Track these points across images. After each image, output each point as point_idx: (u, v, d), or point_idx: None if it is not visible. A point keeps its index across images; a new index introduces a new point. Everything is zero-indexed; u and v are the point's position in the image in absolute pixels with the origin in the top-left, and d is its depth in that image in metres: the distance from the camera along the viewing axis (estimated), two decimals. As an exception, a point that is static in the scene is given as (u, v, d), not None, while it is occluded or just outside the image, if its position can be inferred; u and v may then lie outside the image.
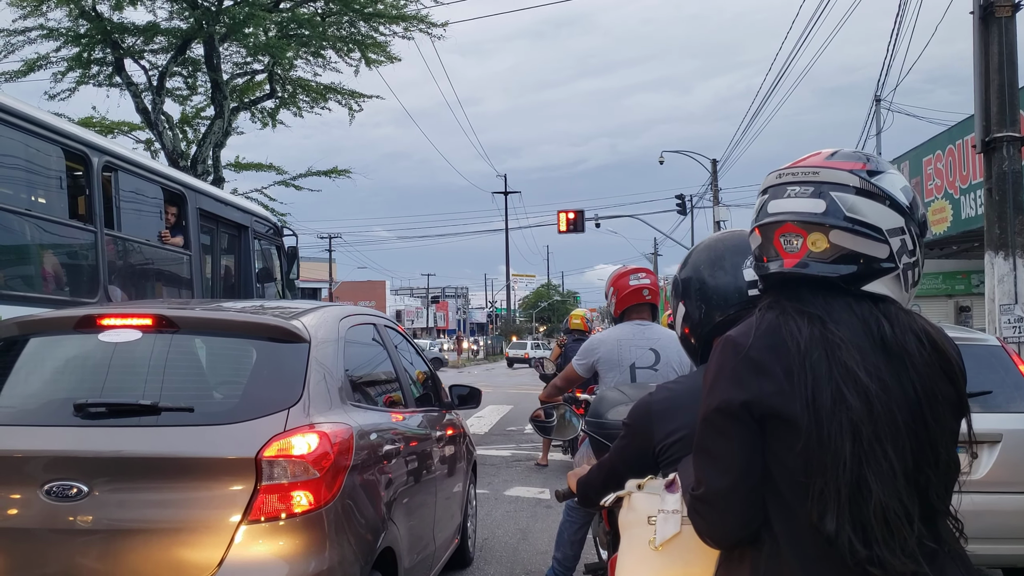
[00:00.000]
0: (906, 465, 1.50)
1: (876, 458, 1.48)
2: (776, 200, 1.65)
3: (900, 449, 1.50)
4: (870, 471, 1.48)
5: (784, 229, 1.63)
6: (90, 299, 6.08)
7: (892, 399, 1.51)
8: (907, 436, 1.51)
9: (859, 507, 1.48)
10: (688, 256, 2.41)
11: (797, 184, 1.64)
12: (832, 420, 1.49)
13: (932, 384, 1.55)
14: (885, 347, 1.55)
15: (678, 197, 37.52)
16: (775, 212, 1.64)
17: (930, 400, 1.54)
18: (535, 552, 6.51)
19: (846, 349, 1.52)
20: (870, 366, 1.52)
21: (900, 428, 1.50)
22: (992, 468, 4.74)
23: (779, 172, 1.68)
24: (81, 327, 3.54)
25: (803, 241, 1.61)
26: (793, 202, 1.63)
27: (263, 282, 10.15)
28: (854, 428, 1.48)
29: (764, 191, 1.70)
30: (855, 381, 1.50)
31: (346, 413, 3.48)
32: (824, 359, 1.52)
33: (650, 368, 4.52)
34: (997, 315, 8.30)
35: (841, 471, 1.47)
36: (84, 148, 6.24)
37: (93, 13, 16.37)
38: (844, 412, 1.48)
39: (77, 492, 2.99)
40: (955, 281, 17.95)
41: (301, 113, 20.73)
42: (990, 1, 8.20)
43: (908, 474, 1.50)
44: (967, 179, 11.74)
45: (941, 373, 1.57)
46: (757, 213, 1.69)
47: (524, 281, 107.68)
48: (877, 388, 1.50)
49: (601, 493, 2.29)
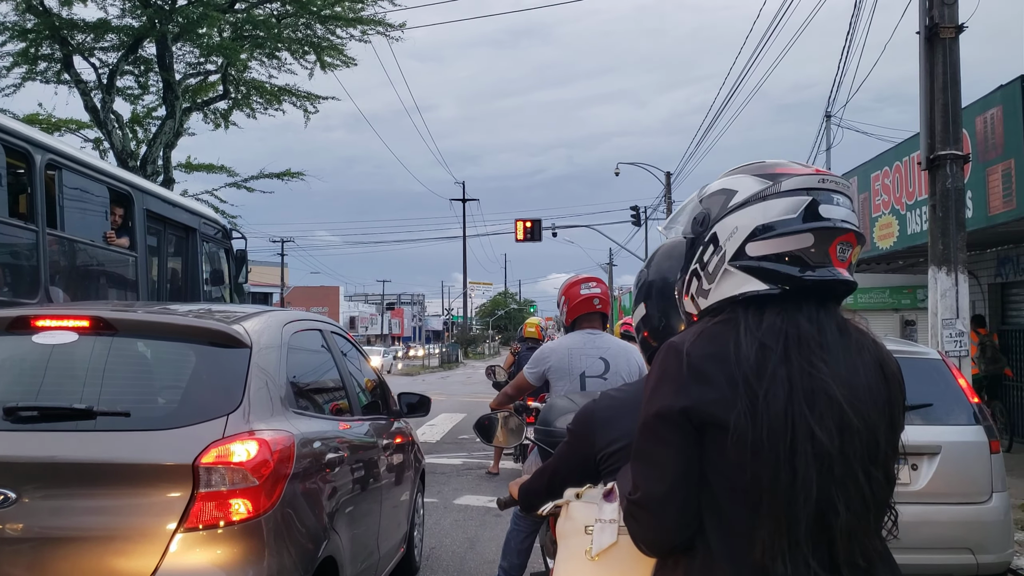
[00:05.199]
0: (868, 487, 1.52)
1: (846, 483, 1.49)
2: (829, 206, 1.59)
3: (867, 471, 1.51)
4: (839, 496, 1.48)
5: (846, 237, 1.59)
6: (30, 300, 5.91)
7: (864, 418, 1.52)
8: (868, 456, 1.52)
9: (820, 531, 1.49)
10: (652, 257, 2.39)
11: (839, 193, 1.61)
12: (797, 448, 1.48)
13: (886, 400, 1.58)
14: (862, 364, 1.57)
15: (633, 209, 37.89)
16: (835, 218, 1.58)
17: (884, 417, 1.57)
18: (482, 561, 6.48)
19: (824, 370, 1.52)
20: (845, 385, 1.53)
21: (869, 447, 1.52)
22: (931, 479, 4.83)
23: (820, 177, 1.62)
24: (15, 328, 3.44)
25: (851, 252, 1.61)
26: (845, 211, 1.60)
27: (211, 285, 9.99)
28: (822, 456, 1.48)
29: (796, 190, 1.60)
30: (832, 407, 1.50)
31: (288, 420, 3.42)
32: (787, 382, 1.51)
33: (599, 377, 4.53)
34: (939, 329, 8.47)
35: (803, 501, 1.47)
36: (26, 145, 6.08)
37: (41, 8, 16.00)
38: (809, 443, 1.48)
39: (4, 499, 2.90)
40: (901, 295, 18.31)
41: (255, 115, 20.51)
42: (935, 23, 8.40)
43: (867, 497, 1.52)
44: (913, 195, 11.99)
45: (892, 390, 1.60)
46: (804, 213, 1.58)
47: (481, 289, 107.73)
48: (851, 409, 1.51)
49: (543, 499, 2.27)
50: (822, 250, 1.57)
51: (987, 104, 9.98)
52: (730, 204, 1.65)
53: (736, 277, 1.61)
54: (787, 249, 1.58)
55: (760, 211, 1.61)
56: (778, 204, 1.60)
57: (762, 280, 1.59)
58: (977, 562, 4.83)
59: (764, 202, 1.61)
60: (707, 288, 1.67)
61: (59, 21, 16.27)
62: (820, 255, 1.57)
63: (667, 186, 33.56)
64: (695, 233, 1.72)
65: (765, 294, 1.58)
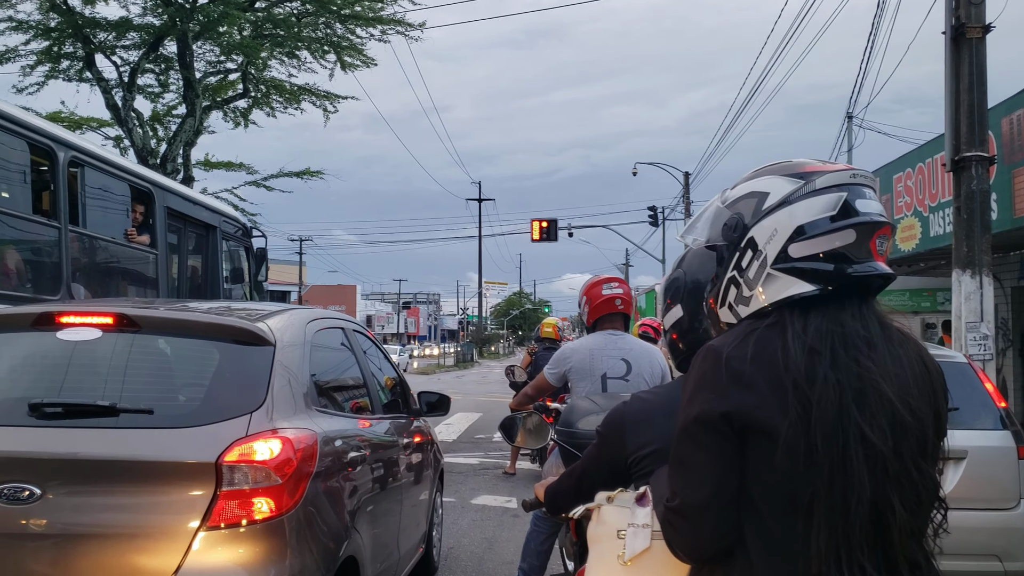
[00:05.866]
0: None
1: (900, 481, 1.47)
2: (863, 200, 1.58)
3: (918, 466, 1.50)
4: (894, 494, 1.46)
5: (883, 231, 1.58)
6: (52, 296, 5.94)
7: (915, 412, 1.50)
8: (919, 450, 1.51)
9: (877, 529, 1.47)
10: (681, 258, 2.36)
11: (868, 187, 1.60)
12: (850, 451, 1.46)
13: (932, 391, 1.56)
14: (906, 356, 1.56)
15: (650, 209, 37.73)
16: (872, 212, 1.58)
17: (931, 409, 1.55)
18: (501, 562, 6.45)
19: (876, 371, 1.50)
20: (894, 380, 1.51)
21: (920, 441, 1.50)
22: (957, 484, 4.77)
23: (851, 172, 1.60)
24: (39, 325, 3.44)
25: (887, 244, 1.60)
26: (877, 205, 1.59)
27: (231, 283, 10.01)
28: (875, 457, 1.46)
29: (829, 187, 1.58)
30: (883, 405, 1.48)
31: (311, 419, 3.40)
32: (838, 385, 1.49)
33: (621, 379, 4.49)
34: (963, 332, 8.37)
35: (857, 505, 1.45)
36: (50, 143, 6.11)
37: (64, 7, 16.14)
38: (861, 445, 1.46)
39: (30, 495, 2.90)
40: (921, 298, 18.14)
41: (274, 114, 20.59)
42: (962, 23, 8.31)
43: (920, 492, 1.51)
44: (936, 197, 11.87)
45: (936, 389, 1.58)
46: (838, 209, 1.56)
47: (496, 288, 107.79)
48: (902, 404, 1.49)
49: (571, 502, 2.25)
50: (864, 245, 1.56)
51: (1013, 105, 9.86)
52: (764, 207, 1.62)
53: (780, 280, 1.58)
54: (831, 247, 1.56)
55: (800, 210, 1.58)
56: (816, 202, 1.58)
57: (808, 281, 1.57)
58: (1004, 569, 4.77)
59: (801, 202, 1.59)
60: (748, 295, 1.63)
61: (82, 19, 16.40)
62: (862, 250, 1.56)
63: (686, 186, 33.42)
64: (728, 239, 1.69)
65: (808, 296, 1.56)
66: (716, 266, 1.73)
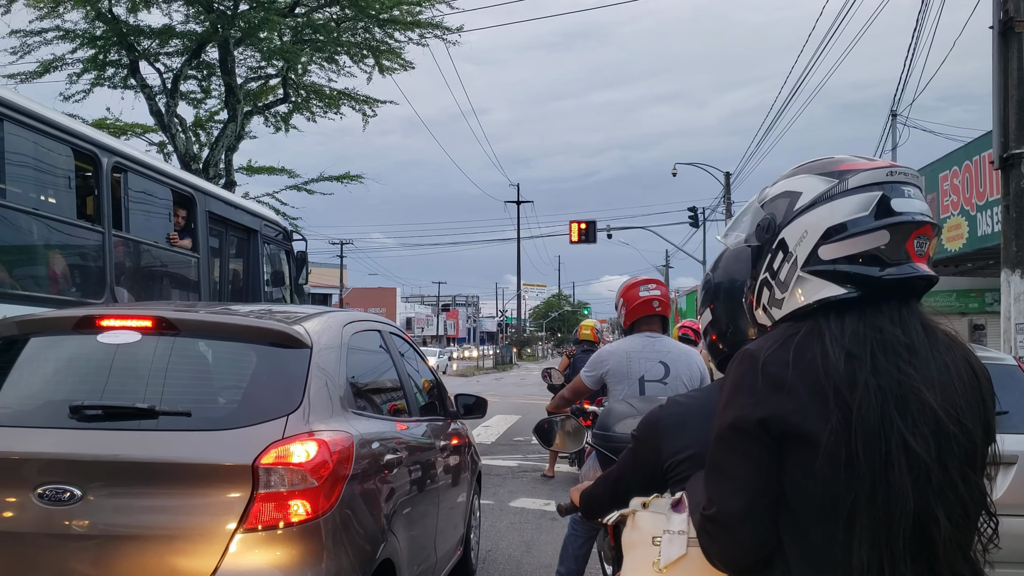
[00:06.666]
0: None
1: (944, 492, 1.42)
2: (901, 199, 1.51)
3: (964, 476, 1.44)
4: (938, 506, 1.41)
5: (922, 231, 1.51)
6: (96, 300, 6.04)
7: (960, 422, 1.44)
8: (966, 460, 1.45)
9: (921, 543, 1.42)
10: (718, 259, 2.33)
11: (909, 185, 1.54)
12: (892, 459, 1.41)
13: (980, 398, 1.51)
14: (953, 363, 1.50)
15: (690, 209, 37.39)
16: (910, 211, 1.51)
17: (980, 417, 1.49)
18: (539, 565, 6.42)
19: (918, 376, 1.45)
20: (938, 388, 1.45)
21: (967, 451, 1.45)
22: (1007, 491, 4.64)
23: (889, 169, 1.54)
24: (80, 328, 3.49)
25: (929, 245, 1.53)
26: (919, 203, 1.53)
27: (271, 286, 10.11)
28: (918, 466, 1.41)
29: (864, 186, 1.53)
30: (925, 413, 1.43)
31: (347, 421, 3.41)
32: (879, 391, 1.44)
33: (659, 381, 4.44)
34: (1013, 334, 8.18)
35: (900, 515, 1.40)
36: (94, 148, 6.21)
37: (109, 15, 16.45)
38: (903, 454, 1.41)
39: (71, 496, 2.93)
40: (969, 299, 17.78)
41: (314, 118, 20.80)
42: (1010, 16, 8.12)
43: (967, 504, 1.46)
44: (984, 196, 11.62)
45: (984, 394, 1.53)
46: (876, 210, 1.51)
47: (535, 291, 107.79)
48: (946, 414, 1.43)
49: (606, 507, 2.21)
50: (899, 246, 1.50)
51: (1064, 100, 9.60)
52: (796, 207, 1.58)
53: (811, 283, 1.54)
54: (862, 249, 1.50)
55: (829, 212, 1.53)
56: (847, 203, 1.52)
57: (839, 284, 1.51)
58: (1057, 578, 4.62)
59: (832, 202, 1.53)
60: (780, 297, 1.59)
61: (126, 28, 16.71)
62: (897, 252, 1.50)
63: (726, 186, 33.11)
64: (761, 240, 1.65)
65: (843, 298, 1.51)
66: (751, 267, 1.69)
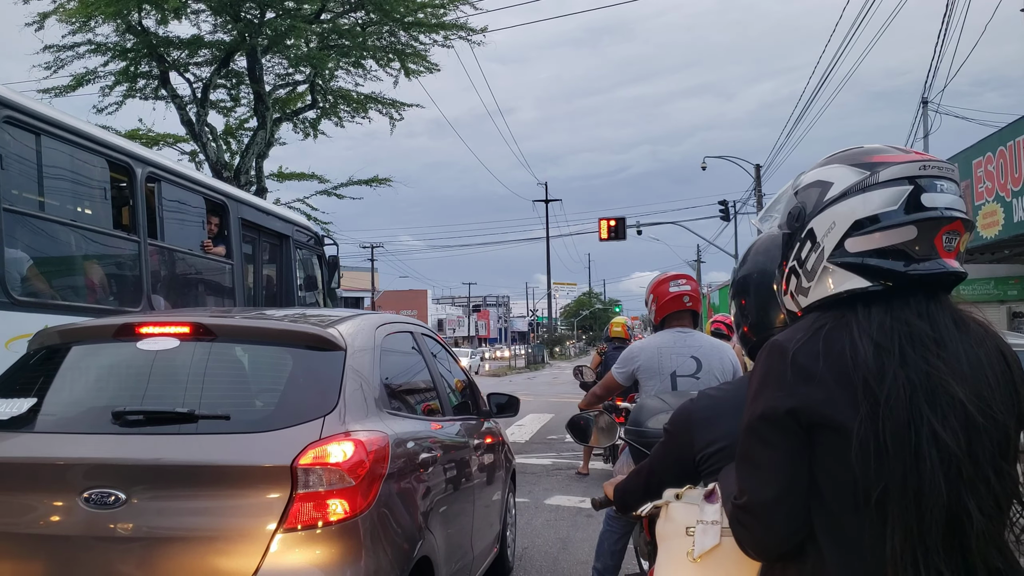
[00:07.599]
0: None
1: (976, 485, 1.41)
2: (932, 194, 1.50)
3: (998, 469, 1.44)
4: (970, 499, 1.40)
5: (952, 226, 1.50)
6: (133, 308, 6.15)
7: (991, 415, 1.43)
8: (999, 452, 1.44)
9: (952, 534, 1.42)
10: (748, 251, 2.34)
11: (943, 179, 1.52)
12: (922, 451, 1.41)
13: (1013, 391, 1.49)
14: (985, 356, 1.49)
15: (721, 203, 37.10)
16: (940, 207, 1.49)
17: (1014, 409, 1.48)
18: (575, 562, 6.44)
19: (947, 369, 1.44)
20: (967, 382, 1.44)
21: (999, 444, 1.44)
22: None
23: (922, 163, 1.52)
24: (120, 335, 3.57)
25: (959, 240, 1.52)
26: (951, 198, 1.51)
27: (304, 291, 10.22)
28: (949, 459, 1.40)
29: (895, 180, 1.52)
30: (954, 406, 1.42)
31: (382, 421, 3.46)
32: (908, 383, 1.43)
33: (691, 376, 4.44)
34: (1052, 321, 8.05)
35: (932, 507, 1.40)
36: (128, 159, 6.33)
37: (139, 28, 16.68)
38: (934, 446, 1.40)
39: (115, 500, 3.00)
40: (1007, 286, 17.48)
41: (342, 123, 20.92)
42: (1041, -2, 7.99)
43: (1000, 496, 1.45)
44: (1019, 181, 11.43)
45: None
46: (905, 204, 1.49)
47: (565, 289, 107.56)
48: (975, 407, 1.42)
49: (640, 500, 2.23)
50: (927, 242, 1.49)
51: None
52: (826, 197, 1.58)
53: (836, 274, 1.54)
54: (888, 244, 1.50)
55: (858, 204, 1.53)
56: (877, 196, 1.51)
57: (864, 277, 1.51)
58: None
59: (862, 194, 1.53)
60: (806, 286, 1.60)
61: (156, 39, 16.93)
62: (925, 247, 1.49)
63: (757, 179, 32.83)
64: (791, 228, 1.65)
65: (870, 291, 1.51)
66: (782, 254, 1.70)
